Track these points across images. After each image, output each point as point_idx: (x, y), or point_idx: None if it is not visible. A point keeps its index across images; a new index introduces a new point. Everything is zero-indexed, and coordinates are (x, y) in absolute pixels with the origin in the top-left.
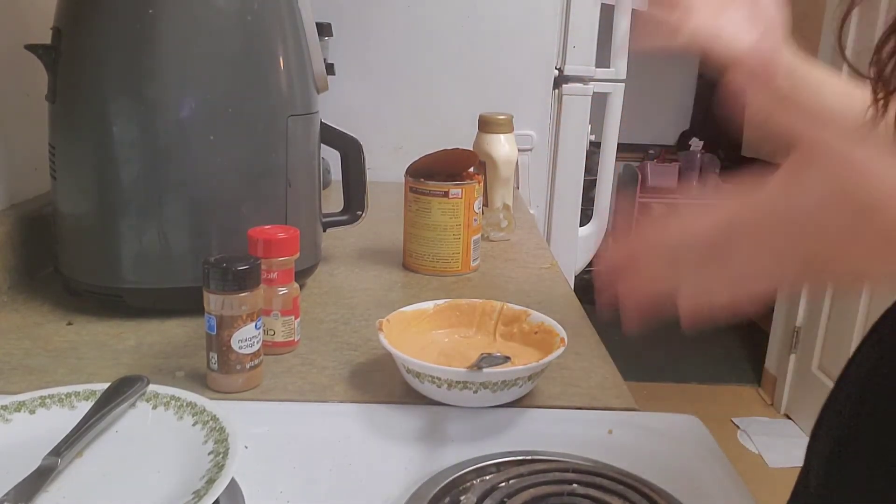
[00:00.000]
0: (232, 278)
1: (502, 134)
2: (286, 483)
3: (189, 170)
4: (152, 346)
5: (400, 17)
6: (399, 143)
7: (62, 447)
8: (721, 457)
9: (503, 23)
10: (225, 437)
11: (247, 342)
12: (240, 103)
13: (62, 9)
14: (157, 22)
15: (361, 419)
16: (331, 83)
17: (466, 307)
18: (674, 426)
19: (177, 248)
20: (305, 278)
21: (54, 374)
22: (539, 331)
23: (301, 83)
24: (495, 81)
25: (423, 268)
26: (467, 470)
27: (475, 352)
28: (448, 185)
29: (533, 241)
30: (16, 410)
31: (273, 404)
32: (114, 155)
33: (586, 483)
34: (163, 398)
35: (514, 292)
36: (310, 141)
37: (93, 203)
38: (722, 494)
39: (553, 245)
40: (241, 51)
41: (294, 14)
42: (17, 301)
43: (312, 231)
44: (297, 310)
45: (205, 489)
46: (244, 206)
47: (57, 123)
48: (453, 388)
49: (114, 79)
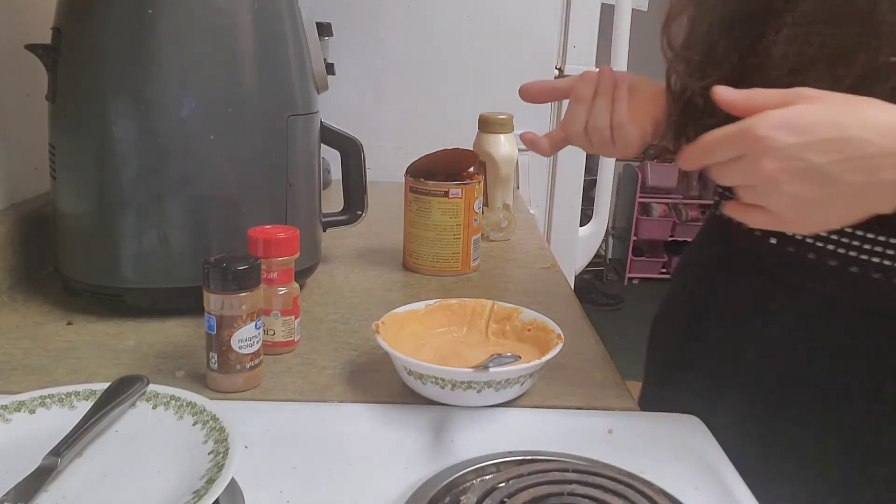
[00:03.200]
0: (232, 278)
1: (502, 134)
2: (286, 483)
3: (189, 170)
4: (152, 346)
5: (400, 17)
6: (399, 143)
7: (62, 447)
8: (721, 457)
9: (503, 23)
10: (225, 437)
11: (247, 342)
12: (240, 103)
13: (62, 9)
14: (157, 22)
15: (361, 419)
16: (331, 83)
17: (457, 307)
18: (674, 426)
19: (177, 248)
20: (305, 278)
21: (54, 374)
22: (532, 328)
23: (301, 83)
24: (495, 81)
25: (423, 268)
26: (467, 470)
27: (469, 350)
28: (448, 185)
29: (533, 241)
30: (16, 410)
31: (273, 404)
32: (114, 155)
33: (586, 483)
34: (163, 398)
35: (514, 292)
36: (310, 141)
37: (93, 203)
38: (722, 494)
39: (553, 245)
40: (241, 51)
41: (294, 14)
42: (16, 301)
43: (312, 231)
44: (297, 310)
45: (205, 489)
46: (244, 206)
47: (57, 123)
48: (457, 389)
49: (114, 79)
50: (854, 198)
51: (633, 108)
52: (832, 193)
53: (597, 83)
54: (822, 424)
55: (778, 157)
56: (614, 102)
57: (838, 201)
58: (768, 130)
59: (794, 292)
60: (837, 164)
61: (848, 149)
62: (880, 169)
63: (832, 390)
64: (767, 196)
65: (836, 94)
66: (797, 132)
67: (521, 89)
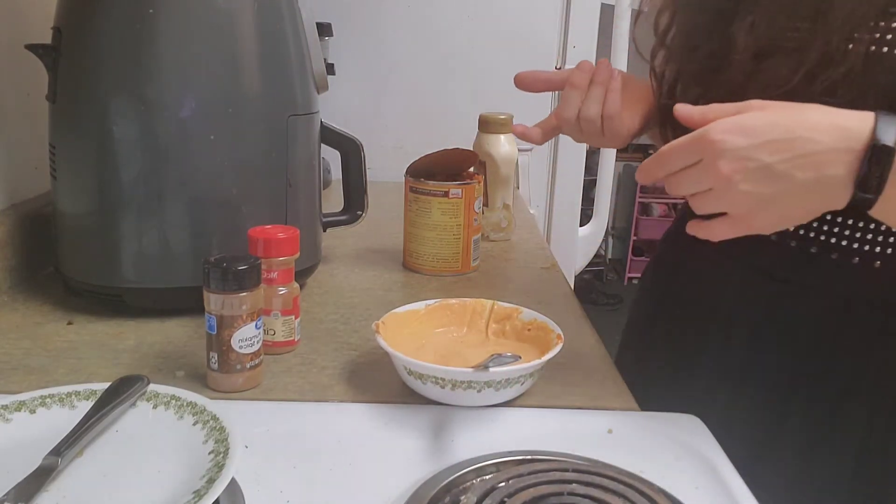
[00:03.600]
0: (232, 278)
1: (502, 134)
2: (286, 483)
3: (189, 170)
4: (152, 345)
5: (400, 17)
6: (399, 143)
7: (62, 447)
8: (721, 456)
9: (503, 23)
10: (225, 437)
11: (247, 342)
12: (240, 103)
13: (62, 9)
14: (157, 22)
15: (361, 419)
16: (331, 83)
17: (457, 306)
18: (674, 426)
19: (177, 248)
20: (305, 278)
21: (54, 374)
22: (532, 328)
23: (301, 83)
24: (495, 81)
25: (423, 268)
26: (467, 470)
27: (469, 350)
28: (448, 185)
29: (533, 241)
30: (16, 410)
31: (273, 404)
32: (114, 155)
33: (586, 483)
34: (163, 398)
35: (514, 292)
36: (310, 141)
37: (93, 203)
38: (722, 494)
39: (553, 245)
40: (242, 51)
41: (294, 14)
42: (17, 301)
43: (312, 231)
44: (297, 309)
45: (205, 489)
46: (244, 206)
47: (57, 123)
48: (457, 389)
49: (114, 79)
50: (807, 194)
51: (624, 102)
52: (785, 189)
53: (593, 73)
54: (816, 422)
55: (732, 158)
56: (608, 93)
57: (792, 197)
58: (721, 134)
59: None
60: (787, 163)
61: (795, 147)
62: (826, 165)
63: (832, 387)
64: (724, 197)
65: (782, 103)
66: (747, 134)
67: (516, 77)
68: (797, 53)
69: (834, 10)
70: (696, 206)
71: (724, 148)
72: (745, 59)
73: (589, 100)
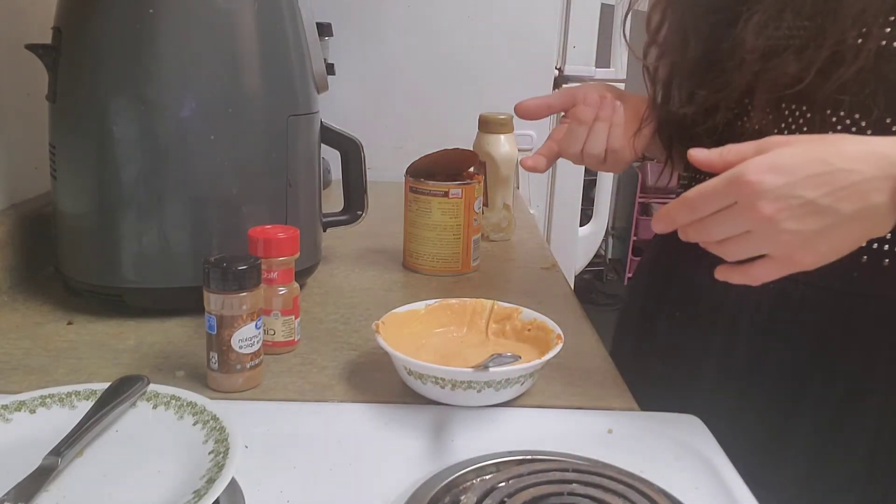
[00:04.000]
0: (232, 278)
1: (502, 134)
2: (286, 483)
3: (189, 170)
4: (152, 345)
5: (400, 18)
6: (399, 143)
7: (62, 447)
8: (721, 456)
9: (503, 23)
10: (225, 437)
11: (247, 342)
12: (240, 103)
13: (62, 9)
14: (157, 22)
15: (361, 419)
16: (331, 83)
17: (457, 306)
18: (674, 426)
19: (177, 248)
20: (305, 278)
21: (54, 374)
22: (532, 328)
23: (301, 83)
24: (495, 81)
25: (423, 268)
26: (467, 470)
27: (469, 350)
28: (448, 185)
29: (533, 241)
30: (16, 410)
31: (273, 404)
32: (114, 155)
33: (586, 483)
34: (163, 398)
35: (514, 292)
36: (310, 141)
37: (93, 203)
38: (722, 494)
39: (553, 245)
40: (242, 50)
41: (294, 14)
42: (17, 301)
43: (312, 231)
44: (297, 309)
45: (205, 489)
46: (244, 206)
47: (57, 123)
48: (457, 389)
49: (114, 79)
50: (852, 225)
51: (626, 130)
52: (831, 224)
53: (598, 108)
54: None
55: (773, 198)
56: (611, 128)
57: (838, 231)
58: (757, 175)
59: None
60: (829, 196)
61: (836, 180)
62: (869, 194)
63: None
64: (767, 239)
65: (806, 136)
66: (784, 172)
67: (516, 108)
68: (806, 51)
69: (844, 6)
70: (730, 251)
71: (763, 189)
72: (753, 59)
73: (593, 136)
